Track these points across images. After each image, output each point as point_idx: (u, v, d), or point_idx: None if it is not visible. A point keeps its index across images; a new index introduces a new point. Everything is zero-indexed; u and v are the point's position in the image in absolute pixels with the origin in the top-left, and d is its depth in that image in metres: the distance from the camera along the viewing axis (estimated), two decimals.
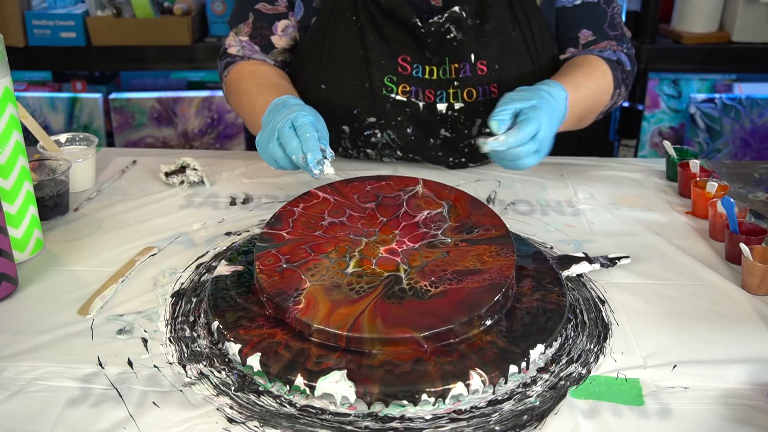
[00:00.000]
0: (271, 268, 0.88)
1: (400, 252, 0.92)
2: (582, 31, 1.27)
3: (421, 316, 0.81)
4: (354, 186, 1.05)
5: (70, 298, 0.93)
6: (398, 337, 0.79)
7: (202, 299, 0.92)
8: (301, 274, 0.87)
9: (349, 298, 0.84)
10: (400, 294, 0.84)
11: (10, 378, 0.79)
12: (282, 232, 0.95)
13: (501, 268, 0.88)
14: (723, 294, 0.95)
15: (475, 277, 0.87)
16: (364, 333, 0.79)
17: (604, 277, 0.98)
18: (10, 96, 0.97)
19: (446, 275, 0.87)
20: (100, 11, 2.34)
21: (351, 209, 1.00)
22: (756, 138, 2.47)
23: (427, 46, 1.21)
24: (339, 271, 0.88)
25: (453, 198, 1.03)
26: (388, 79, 1.23)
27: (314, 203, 1.01)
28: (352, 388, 0.75)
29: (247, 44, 1.29)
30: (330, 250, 0.92)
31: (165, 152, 1.42)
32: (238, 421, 0.73)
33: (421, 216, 0.99)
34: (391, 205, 1.01)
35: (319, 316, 0.81)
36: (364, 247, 0.93)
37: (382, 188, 1.04)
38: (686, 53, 2.35)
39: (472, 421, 0.73)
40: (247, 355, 0.79)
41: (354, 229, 0.96)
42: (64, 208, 1.14)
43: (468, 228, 0.97)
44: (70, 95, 2.48)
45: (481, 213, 1.00)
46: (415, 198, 1.02)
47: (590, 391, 0.78)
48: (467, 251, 0.92)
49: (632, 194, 1.23)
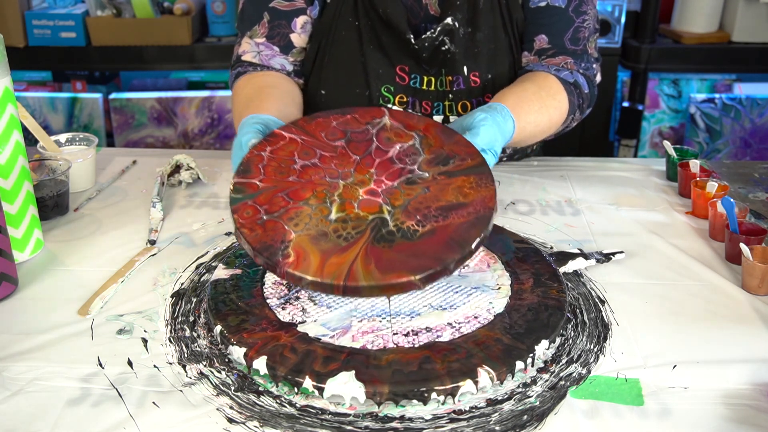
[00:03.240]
0: (251, 220, 0.85)
1: (380, 192, 0.90)
2: (539, 35, 1.21)
3: (415, 258, 0.81)
4: (319, 123, 0.99)
5: (70, 298, 0.93)
6: (395, 282, 0.79)
7: (202, 299, 0.92)
8: (284, 225, 0.85)
9: (338, 246, 0.82)
10: (389, 237, 0.84)
11: (10, 378, 0.79)
12: (254, 181, 0.90)
13: (483, 200, 0.88)
14: (723, 294, 0.95)
15: (460, 211, 0.87)
16: (361, 281, 0.78)
17: (604, 277, 0.98)
18: (10, 96, 0.97)
19: (431, 212, 0.87)
20: (100, 11, 2.34)
21: (321, 149, 0.95)
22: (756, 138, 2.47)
23: (423, 59, 1.21)
24: (322, 218, 0.86)
25: (423, 128, 0.99)
26: (385, 89, 1.22)
27: (281, 145, 0.95)
28: (362, 388, 0.74)
29: (265, 46, 1.22)
30: (308, 196, 0.89)
31: (165, 152, 1.42)
32: (238, 421, 0.73)
33: (394, 150, 0.95)
34: (362, 141, 0.97)
35: (311, 268, 0.80)
36: (343, 190, 0.90)
37: (348, 123, 0.99)
38: (686, 53, 2.35)
39: (472, 421, 0.73)
40: (253, 359, 0.78)
41: (328, 171, 0.92)
42: (64, 208, 1.14)
43: (443, 159, 0.94)
44: (70, 95, 2.48)
45: (453, 142, 0.97)
46: (384, 131, 0.98)
47: (590, 391, 0.78)
48: (447, 185, 0.91)
49: (632, 194, 1.23)
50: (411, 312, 0.86)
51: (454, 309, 0.87)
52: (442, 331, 0.83)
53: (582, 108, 1.21)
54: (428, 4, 1.20)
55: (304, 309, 0.86)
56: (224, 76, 2.54)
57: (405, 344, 0.80)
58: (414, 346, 0.80)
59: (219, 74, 2.54)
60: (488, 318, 0.85)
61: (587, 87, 1.21)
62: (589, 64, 1.23)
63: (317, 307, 0.87)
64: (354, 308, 0.86)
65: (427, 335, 0.82)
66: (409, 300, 0.88)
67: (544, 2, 1.20)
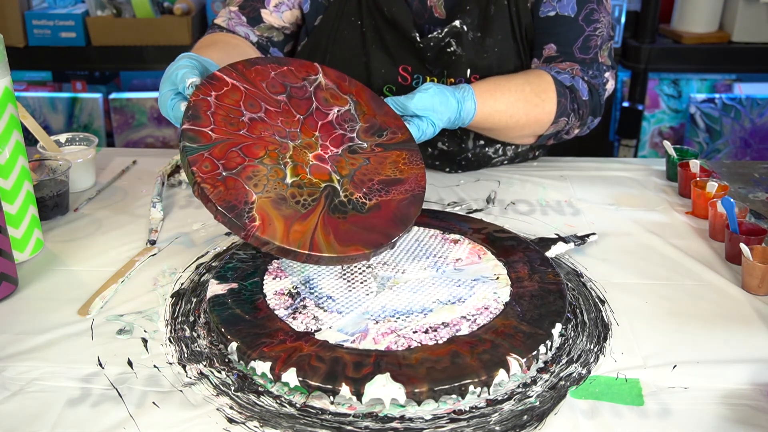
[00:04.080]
0: (211, 176, 0.86)
1: (328, 158, 0.95)
2: (549, 44, 1.21)
3: (367, 232, 0.89)
4: (258, 70, 1.00)
5: (70, 298, 0.93)
6: (353, 255, 0.87)
7: (202, 299, 0.92)
8: (244, 184, 0.87)
9: (298, 212, 0.87)
10: (342, 207, 0.91)
11: (10, 378, 0.79)
12: (206, 130, 0.90)
13: (416, 178, 0.98)
14: (723, 294, 0.95)
15: (398, 187, 0.96)
16: (323, 252, 0.85)
17: (604, 277, 0.98)
18: (10, 96, 0.97)
19: (374, 185, 0.95)
20: (100, 11, 2.34)
21: (265, 102, 0.97)
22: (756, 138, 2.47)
23: (427, 59, 1.21)
24: (279, 181, 0.89)
25: (355, 92, 1.05)
26: (387, 88, 1.23)
27: (225, 91, 0.95)
28: (402, 389, 0.74)
29: (235, 14, 1.27)
30: (262, 155, 0.91)
31: (165, 152, 1.42)
32: (238, 421, 0.73)
33: (333, 114, 1.01)
34: (302, 98, 1.00)
35: (278, 234, 0.84)
36: (293, 152, 0.94)
37: (285, 75, 1.01)
38: (686, 53, 2.35)
39: (472, 421, 0.73)
40: (282, 372, 0.76)
41: (276, 129, 0.95)
42: (64, 208, 1.14)
43: (377, 130, 1.02)
44: (70, 95, 2.48)
45: (383, 113, 1.04)
46: (321, 90, 1.02)
47: (590, 391, 0.78)
48: (384, 158, 0.99)
49: (632, 194, 1.23)
50: (423, 309, 0.86)
51: (463, 302, 0.88)
52: (459, 324, 0.84)
53: (579, 114, 1.20)
54: (433, 6, 1.20)
55: (315, 317, 0.85)
56: None
57: (428, 341, 0.81)
58: (438, 342, 0.81)
59: None
60: (498, 307, 0.87)
61: (587, 94, 1.20)
62: (598, 72, 1.22)
63: (328, 313, 0.86)
64: (365, 311, 0.86)
65: (446, 330, 0.83)
66: (416, 297, 0.89)
67: (554, 12, 1.19)
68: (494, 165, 1.32)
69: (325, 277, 0.93)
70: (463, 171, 1.30)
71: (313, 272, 0.94)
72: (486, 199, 1.21)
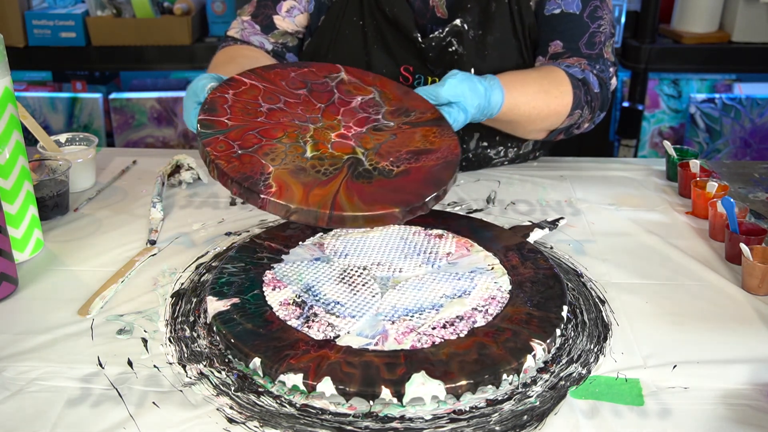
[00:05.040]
0: (226, 153, 0.84)
1: (351, 136, 0.93)
2: (554, 41, 1.21)
3: (394, 193, 0.85)
4: (277, 72, 1.00)
5: (70, 298, 0.93)
6: (380, 213, 0.82)
7: (202, 299, 0.92)
8: (261, 159, 0.85)
9: (318, 179, 0.84)
10: (366, 174, 0.87)
11: (10, 378, 0.79)
12: (222, 119, 0.89)
13: (449, 147, 0.94)
14: (723, 294, 0.95)
15: (429, 155, 0.92)
16: (347, 211, 0.81)
17: (604, 277, 0.98)
18: (10, 96, 0.97)
19: (402, 155, 0.91)
20: (100, 11, 2.34)
21: (284, 95, 0.96)
22: (756, 138, 2.47)
23: (429, 59, 1.21)
24: (298, 156, 0.87)
25: (379, 84, 1.03)
26: None
27: (243, 89, 0.95)
28: (442, 385, 0.74)
29: (248, 24, 1.27)
30: (280, 135, 0.90)
31: (165, 152, 1.42)
32: (238, 421, 0.73)
33: (356, 101, 0.99)
34: (323, 92, 0.99)
35: (296, 197, 0.81)
36: (314, 132, 0.92)
37: (306, 75, 1.01)
38: (686, 53, 2.35)
39: (472, 421, 0.73)
40: (316, 382, 0.75)
41: (296, 115, 0.94)
42: (64, 208, 1.14)
43: (404, 111, 0.99)
44: (70, 95, 2.48)
45: (410, 98, 1.02)
46: (343, 84, 1.02)
47: (590, 391, 0.78)
48: (412, 133, 0.95)
49: (632, 194, 1.23)
50: (433, 305, 0.87)
51: (468, 294, 0.89)
52: (474, 316, 0.85)
53: (591, 106, 1.20)
54: (435, 6, 1.20)
55: (330, 324, 0.83)
56: None
57: (450, 336, 0.81)
58: (459, 336, 0.81)
59: None
60: (504, 296, 0.89)
61: (598, 87, 1.20)
62: (605, 67, 1.22)
63: (341, 319, 0.84)
64: (377, 313, 0.86)
65: (463, 323, 0.83)
66: (422, 294, 0.89)
67: (558, 9, 1.20)
68: (494, 165, 1.33)
69: (325, 283, 0.92)
70: (463, 171, 1.30)
71: (311, 279, 0.92)
72: (486, 199, 1.21)
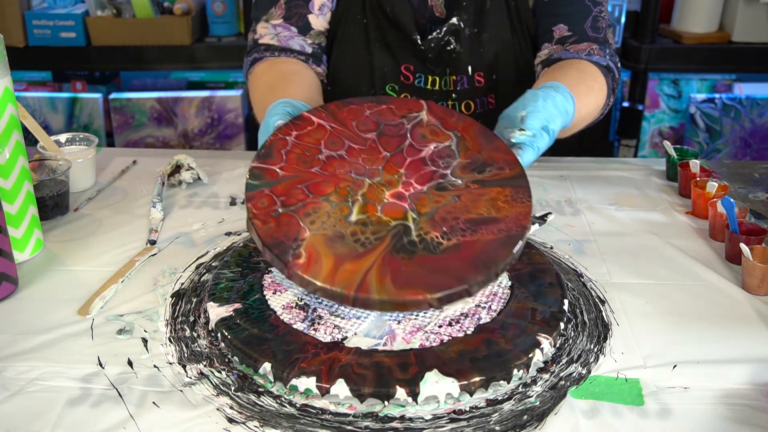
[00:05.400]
0: (265, 212, 0.81)
1: (407, 196, 0.85)
2: (558, 25, 1.18)
3: (434, 274, 0.77)
4: (352, 110, 0.94)
5: (70, 298, 0.93)
6: (410, 299, 0.75)
7: (202, 299, 0.92)
8: (300, 221, 0.81)
9: (354, 251, 0.78)
10: (410, 247, 0.79)
11: (10, 378, 0.79)
12: (275, 167, 0.86)
13: (517, 217, 0.84)
14: (723, 294, 0.95)
15: (490, 227, 0.82)
16: (373, 294, 0.74)
17: (604, 277, 0.98)
18: (10, 96, 0.97)
19: (458, 224, 0.82)
20: (100, 11, 2.34)
21: (350, 140, 0.90)
22: (756, 138, 2.47)
23: (428, 60, 1.21)
24: (341, 218, 0.82)
25: (461, 128, 0.94)
26: (389, 87, 1.22)
27: (308, 131, 0.90)
28: (456, 383, 0.74)
29: (283, 27, 1.18)
30: (330, 192, 0.84)
31: (165, 152, 1.42)
32: (238, 421, 0.73)
33: (428, 150, 0.91)
34: (395, 136, 0.91)
35: (322, 272, 0.76)
36: (368, 189, 0.85)
37: (382, 113, 0.94)
38: (686, 53, 2.35)
39: (472, 421, 0.73)
40: (330, 385, 0.74)
41: (355, 166, 0.88)
42: (64, 208, 1.14)
43: (479, 166, 0.90)
44: (70, 95, 2.48)
45: (492, 147, 0.92)
46: (420, 126, 0.93)
47: (590, 391, 0.78)
48: (480, 195, 0.86)
49: (632, 194, 1.23)
50: None
51: None
52: (478, 313, 0.85)
53: (615, 94, 1.17)
54: (434, 6, 1.20)
55: (336, 326, 0.83)
56: (224, 76, 2.53)
57: (458, 334, 0.81)
58: (467, 333, 0.81)
59: (219, 74, 2.54)
60: (505, 292, 0.89)
61: (617, 72, 1.18)
62: (613, 52, 1.19)
63: (346, 320, 0.84)
64: (382, 312, 0.85)
65: (469, 320, 0.83)
66: None
67: None
68: None
69: None
70: None
71: None
72: None
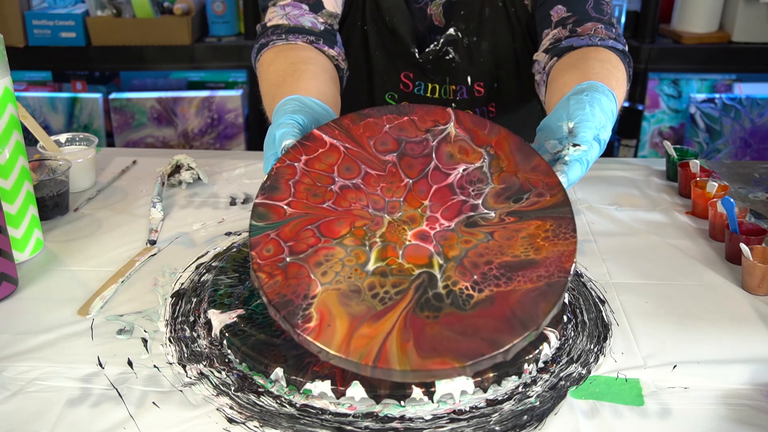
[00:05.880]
0: (271, 262, 0.73)
1: (433, 236, 0.75)
2: (555, 7, 1.09)
3: (463, 337, 0.67)
4: (369, 125, 0.83)
5: (70, 298, 0.93)
6: (437, 370, 0.65)
7: (202, 299, 0.92)
8: (310, 272, 0.72)
9: (372, 310, 0.69)
10: (436, 302, 0.70)
11: (10, 378, 0.79)
12: (281, 204, 0.77)
13: (559, 258, 0.73)
14: (723, 294, 0.95)
15: (528, 272, 0.72)
16: (394, 365, 0.65)
17: (604, 277, 0.98)
18: (10, 96, 0.97)
19: (492, 271, 0.72)
20: (100, 11, 2.34)
21: (367, 164, 0.80)
22: (756, 138, 2.47)
23: (427, 70, 1.20)
24: (357, 268, 0.73)
25: (495, 142, 0.82)
26: (389, 96, 1.22)
27: (320, 153, 0.80)
28: (470, 380, 0.73)
29: (292, 6, 1.11)
30: (344, 233, 0.75)
31: (165, 152, 1.42)
32: (238, 421, 0.73)
33: (456, 174, 0.80)
34: (418, 156, 0.81)
35: (336, 339, 0.67)
36: (387, 229, 0.76)
37: (404, 127, 0.83)
38: (686, 53, 2.35)
39: (472, 421, 0.73)
40: (346, 387, 0.72)
41: (373, 198, 0.78)
42: (64, 208, 1.14)
43: (515, 193, 0.78)
44: (70, 95, 2.48)
45: (530, 167, 0.80)
46: (447, 143, 0.82)
47: (590, 391, 0.78)
48: (516, 231, 0.75)
49: (632, 194, 1.23)
50: None
51: None
52: None
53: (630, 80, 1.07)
54: (433, 15, 1.20)
55: None
56: (224, 76, 2.54)
57: None
58: None
59: (219, 74, 2.54)
60: None
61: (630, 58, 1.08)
62: (620, 33, 1.09)
63: None
64: None
65: None
66: None
67: None
68: None
69: None
70: None
71: None
72: None
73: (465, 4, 1.17)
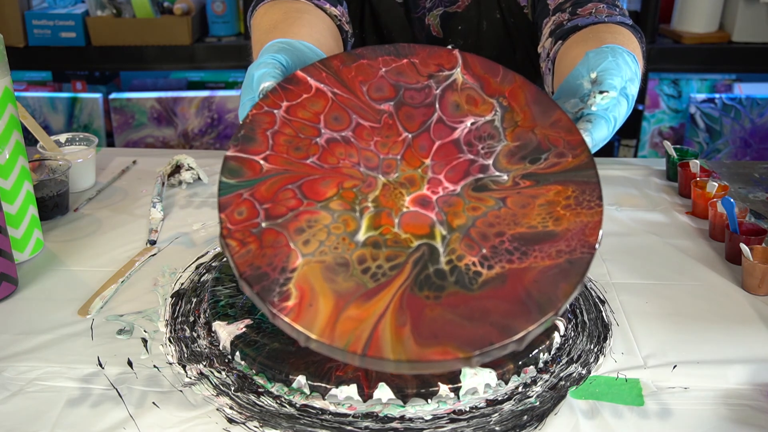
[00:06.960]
0: (244, 227, 0.61)
1: (435, 201, 0.65)
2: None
3: (470, 323, 0.57)
4: (362, 67, 0.71)
5: (70, 298, 0.93)
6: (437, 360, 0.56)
7: (202, 299, 0.92)
8: (289, 240, 0.61)
9: (362, 287, 0.59)
10: (438, 280, 0.60)
11: (10, 378, 0.79)
12: (257, 158, 0.65)
13: (583, 230, 0.64)
14: (723, 294, 0.95)
15: (546, 246, 0.62)
16: (387, 354, 0.56)
17: (604, 277, 0.98)
18: (10, 96, 0.97)
19: (503, 245, 0.62)
20: (100, 11, 2.34)
21: (359, 113, 0.69)
22: (756, 138, 2.47)
23: None
24: (345, 237, 0.62)
25: (508, 92, 0.71)
26: None
27: (304, 99, 0.68)
28: (493, 372, 0.73)
29: None
30: (331, 195, 0.64)
31: (165, 152, 1.42)
32: (238, 421, 0.73)
33: (463, 128, 0.69)
34: (419, 106, 0.69)
35: (318, 321, 0.57)
36: (381, 191, 0.65)
37: (402, 71, 0.71)
38: (686, 53, 2.35)
39: (472, 421, 0.73)
40: (372, 390, 0.70)
41: (365, 154, 0.67)
42: (64, 208, 1.14)
43: (532, 152, 0.68)
44: (70, 95, 2.48)
45: (549, 122, 0.69)
46: (453, 91, 0.70)
47: (590, 392, 0.78)
48: (532, 198, 0.65)
49: (632, 194, 1.23)
50: None
51: None
52: None
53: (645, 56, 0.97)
54: (431, 25, 1.19)
55: None
56: (224, 76, 2.54)
57: None
58: None
59: (219, 74, 2.54)
60: None
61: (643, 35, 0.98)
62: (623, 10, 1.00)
63: None
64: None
65: None
66: None
67: None
68: None
69: None
70: None
71: None
72: None
73: (462, 18, 1.16)
